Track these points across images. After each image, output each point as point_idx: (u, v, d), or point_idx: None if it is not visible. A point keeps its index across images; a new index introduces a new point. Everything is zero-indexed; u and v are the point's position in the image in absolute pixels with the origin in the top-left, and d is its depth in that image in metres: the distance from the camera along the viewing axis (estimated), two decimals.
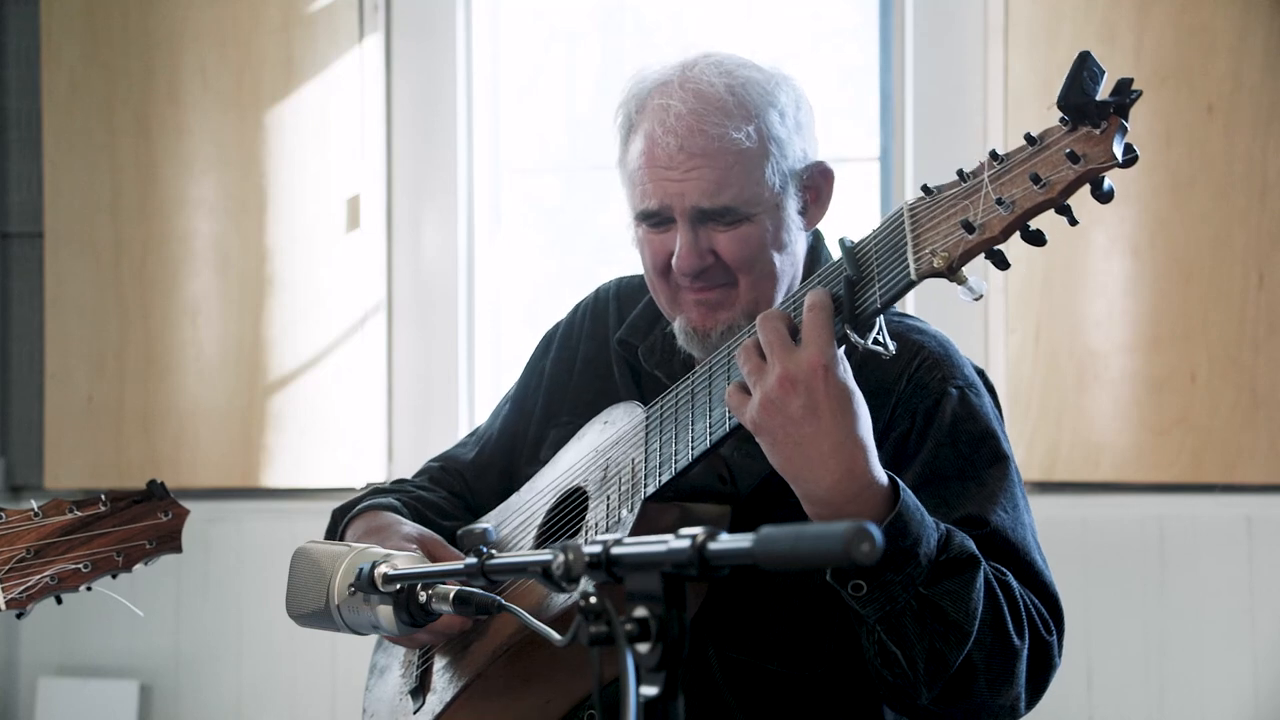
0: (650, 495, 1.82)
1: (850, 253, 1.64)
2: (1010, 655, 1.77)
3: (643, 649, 1.21)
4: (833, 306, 1.64)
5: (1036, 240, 1.54)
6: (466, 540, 2.08)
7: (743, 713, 1.91)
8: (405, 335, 4.07)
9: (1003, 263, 1.56)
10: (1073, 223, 1.52)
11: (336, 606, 1.71)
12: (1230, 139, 3.54)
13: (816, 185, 1.98)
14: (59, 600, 2.00)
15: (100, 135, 4.09)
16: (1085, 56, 1.48)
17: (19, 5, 4.22)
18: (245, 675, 4.05)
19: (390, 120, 4.08)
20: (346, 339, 4.03)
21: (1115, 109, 1.47)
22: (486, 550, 1.53)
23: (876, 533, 1.09)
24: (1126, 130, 1.48)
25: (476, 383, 4.06)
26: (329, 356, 4.03)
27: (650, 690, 1.20)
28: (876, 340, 1.64)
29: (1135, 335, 3.59)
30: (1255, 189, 3.54)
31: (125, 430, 4.07)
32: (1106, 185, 1.50)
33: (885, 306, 1.62)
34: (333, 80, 4.02)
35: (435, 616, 1.67)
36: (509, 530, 2.09)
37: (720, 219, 1.89)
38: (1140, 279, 3.56)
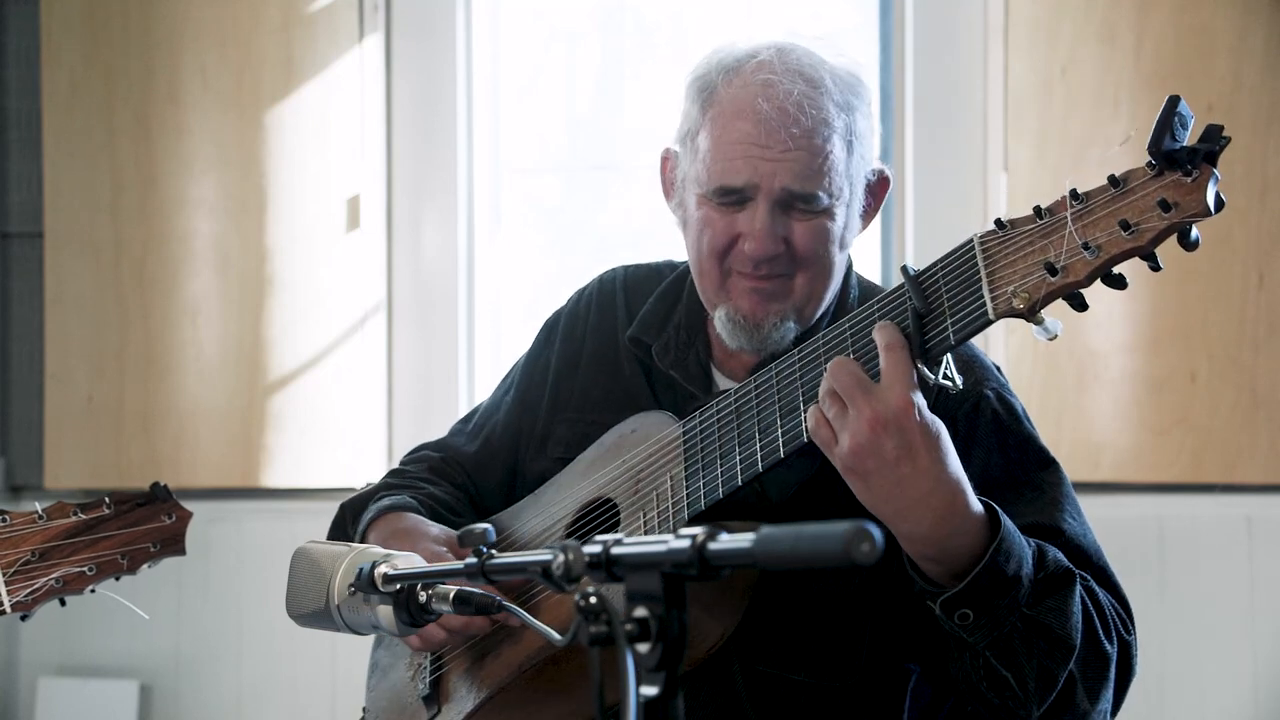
0: (695, 517, 1.79)
1: (916, 283, 1.61)
2: (1104, 662, 1.77)
3: (643, 649, 1.21)
4: (907, 343, 1.61)
5: (1119, 284, 1.51)
6: (466, 540, 2.04)
7: None
8: (405, 335, 4.07)
9: (1082, 305, 1.53)
10: (1155, 269, 1.49)
11: (336, 606, 1.70)
12: (1230, 139, 3.53)
13: (876, 191, 1.95)
14: (62, 602, 2.01)
15: (100, 135, 4.09)
16: (1175, 101, 1.45)
17: (19, 5, 4.21)
18: (245, 675, 4.05)
19: (390, 120, 4.08)
20: (346, 339, 4.03)
21: (1206, 157, 1.44)
22: (487, 550, 1.52)
23: (876, 533, 1.09)
24: (1218, 179, 1.44)
25: (476, 383, 4.05)
26: (329, 356, 4.03)
27: (650, 690, 1.20)
28: (946, 375, 1.61)
29: (1135, 335, 3.60)
30: (1255, 189, 3.54)
31: (125, 430, 4.07)
32: (1194, 235, 1.46)
33: (959, 344, 1.59)
34: (333, 80, 4.02)
35: (435, 616, 1.67)
36: (532, 532, 2.03)
37: (803, 205, 1.84)
38: (1140, 279, 3.55)
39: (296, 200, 4.03)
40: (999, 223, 1.55)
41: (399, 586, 1.64)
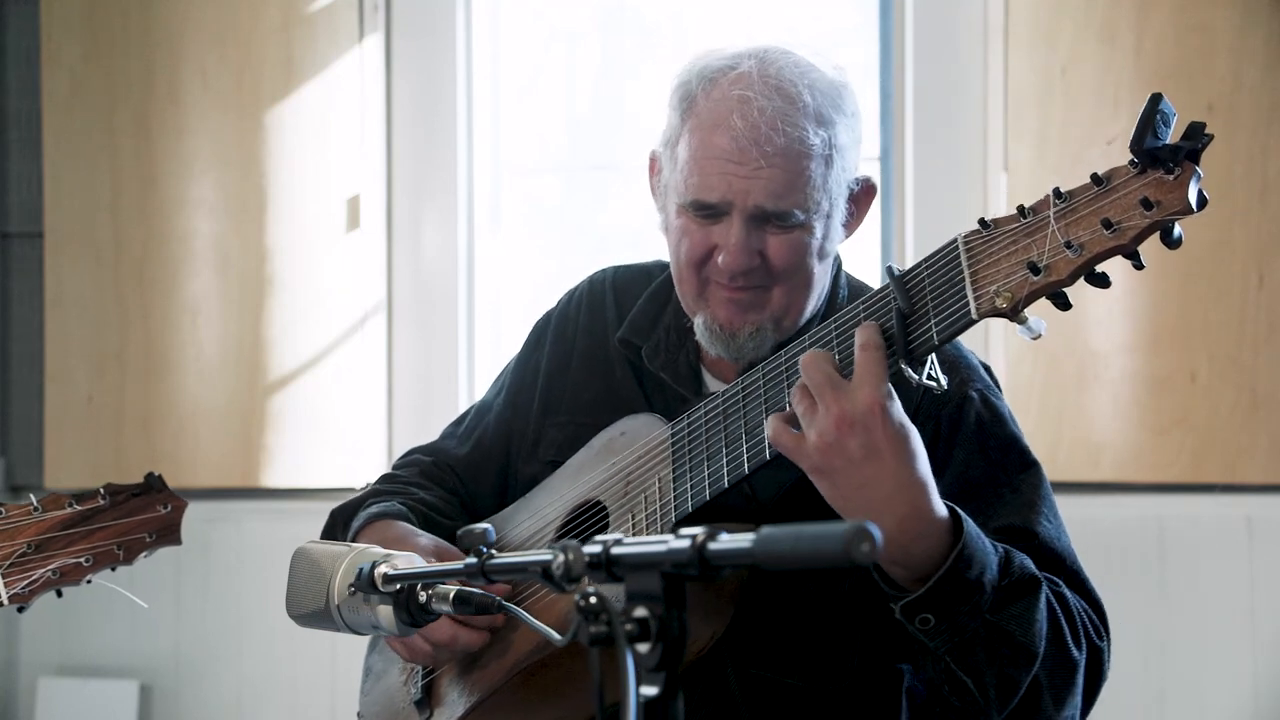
0: (683, 518, 1.79)
1: (901, 283, 1.61)
2: (1071, 668, 1.75)
3: (643, 649, 1.21)
4: (885, 344, 1.61)
5: (1102, 283, 1.50)
6: (466, 540, 2.04)
7: None
8: (405, 335, 4.07)
9: (1065, 304, 1.52)
10: (1139, 267, 1.49)
11: (336, 606, 1.70)
12: (1230, 139, 3.53)
13: (860, 200, 1.94)
14: (59, 594, 2.00)
15: (100, 135, 4.09)
16: (1158, 99, 1.44)
17: (19, 5, 4.21)
18: (245, 675, 4.05)
19: (390, 120, 4.08)
20: (346, 339, 4.03)
21: (1188, 155, 1.43)
22: (487, 550, 1.52)
23: (876, 533, 1.09)
24: (1201, 176, 1.44)
25: (476, 383, 4.05)
26: (329, 356, 4.03)
27: (650, 690, 1.20)
28: (930, 375, 1.61)
29: (1135, 335, 3.59)
30: (1255, 189, 3.54)
31: (125, 430, 4.07)
32: (1176, 232, 1.46)
33: (942, 344, 1.58)
34: (333, 80, 4.02)
35: (435, 616, 1.67)
36: (522, 536, 2.04)
37: (777, 221, 1.84)
38: (1140, 279, 3.56)
39: (296, 200, 4.03)
40: (983, 222, 1.55)
41: (399, 586, 1.64)
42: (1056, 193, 1.50)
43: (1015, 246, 1.52)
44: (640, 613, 1.21)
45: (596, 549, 1.27)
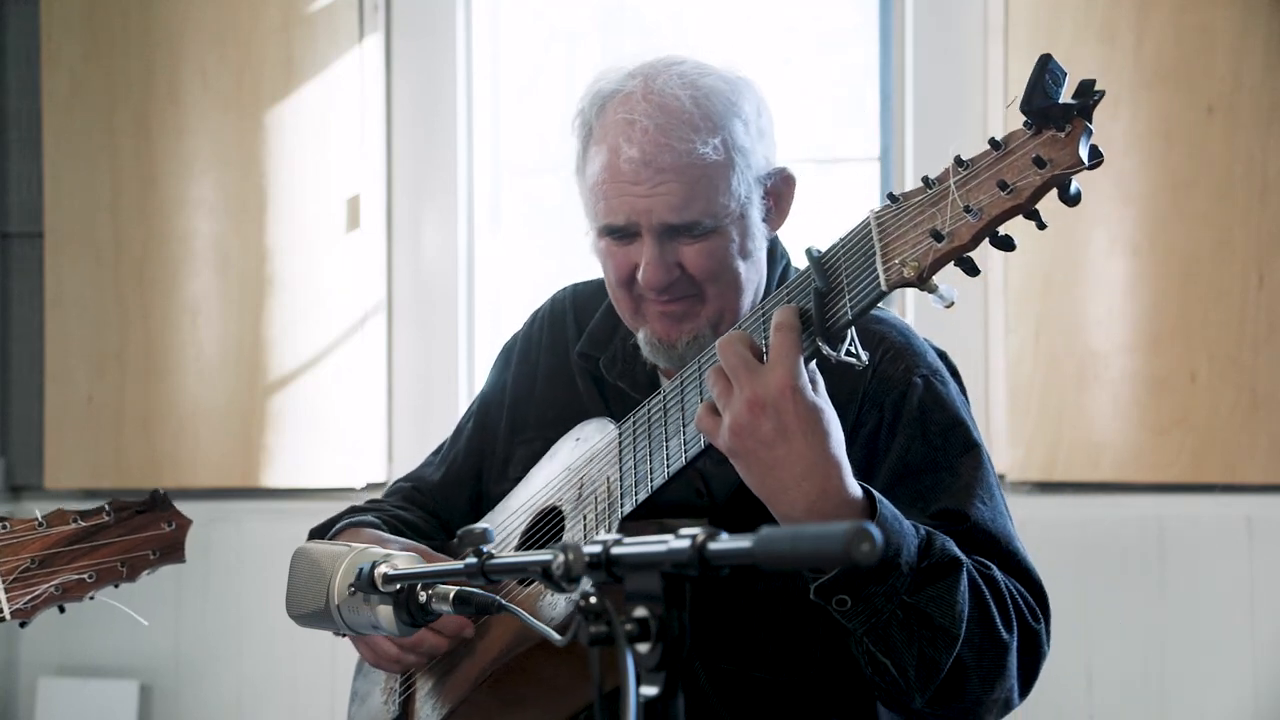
0: (628, 514, 1.80)
1: (818, 263, 1.63)
2: (1000, 650, 1.76)
3: (643, 649, 1.21)
4: (800, 325, 1.63)
5: (1006, 245, 1.52)
6: (465, 540, 2.05)
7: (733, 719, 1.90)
8: (405, 335, 4.07)
9: (973, 269, 1.55)
10: (1041, 227, 1.51)
11: (336, 606, 1.70)
12: (1230, 139, 3.53)
13: (779, 191, 1.95)
14: (62, 609, 2.02)
15: (100, 135, 4.09)
16: (1046, 59, 1.47)
17: (19, 5, 4.22)
18: (245, 675, 4.05)
19: (390, 120, 4.08)
20: (346, 339, 4.03)
21: (1079, 111, 1.46)
22: (486, 550, 1.53)
23: (876, 532, 1.09)
24: (1091, 132, 1.47)
25: (476, 383, 4.05)
26: (329, 356, 4.03)
27: (650, 690, 1.20)
28: (849, 352, 1.63)
29: (1135, 335, 3.59)
30: (1255, 189, 3.54)
31: (125, 430, 4.07)
32: (1074, 189, 1.48)
33: (856, 318, 1.60)
34: (333, 80, 4.02)
35: (435, 616, 1.67)
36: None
37: (687, 233, 1.86)
38: (1140, 279, 3.56)
39: (296, 200, 4.03)
40: (892, 196, 1.58)
41: (399, 586, 1.64)
42: (958, 160, 1.53)
43: (921, 217, 1.55)
44: (640, 613, 1.21)
45: (596, 549, 1.27)
